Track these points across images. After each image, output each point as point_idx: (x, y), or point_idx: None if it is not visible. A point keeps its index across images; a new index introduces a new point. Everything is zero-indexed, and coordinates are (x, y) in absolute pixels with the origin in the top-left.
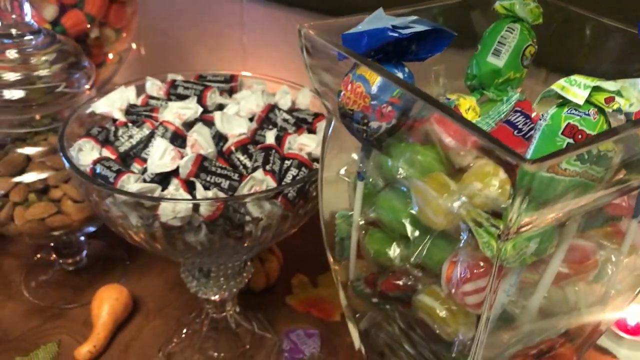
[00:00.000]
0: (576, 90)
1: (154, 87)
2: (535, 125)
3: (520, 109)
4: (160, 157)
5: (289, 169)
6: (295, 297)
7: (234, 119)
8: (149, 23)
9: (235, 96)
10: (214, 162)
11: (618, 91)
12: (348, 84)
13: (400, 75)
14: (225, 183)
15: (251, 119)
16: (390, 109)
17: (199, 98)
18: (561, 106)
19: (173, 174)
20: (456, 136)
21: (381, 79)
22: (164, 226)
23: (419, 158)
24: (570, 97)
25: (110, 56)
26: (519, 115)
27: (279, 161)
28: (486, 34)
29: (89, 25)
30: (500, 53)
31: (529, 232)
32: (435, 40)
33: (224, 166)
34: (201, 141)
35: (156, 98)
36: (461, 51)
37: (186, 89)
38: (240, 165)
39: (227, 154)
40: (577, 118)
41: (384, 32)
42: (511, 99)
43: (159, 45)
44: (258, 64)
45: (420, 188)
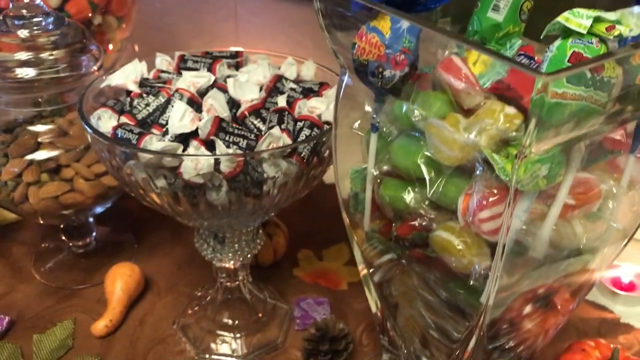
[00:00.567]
0: (579, 21)
1: (164, 63)
2: (539, 65)
3: (523, 52)
4: (180, 119)
5: (301, 129)
6: (303, 270)
7: (246, 85)
8: (143, 17)
9: (242, 70)
10: (231, 124)
11: (617, 20)
12: (362, 36)
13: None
14: (243, 142)
15: (260, 90)
16: (403, 57)
17: (209, 70)
18: (565, 38)
19: (191, 136)
20: (465, 79)
21: (394, 28)
22: (186, 185)
23: (433, 101)
24: (574, 28)
25: (110, 46)
26: (523, 57)
27: (292, 122)
28: None
29: (92, 12)
30: (500, 8)
31: (540, 154)
32: None
33: (240, 127)
34: (217, 106)
35: (167, 72)
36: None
37: (195, 62)
38: (255, 128)
39: (241, 119)
40: (582, 46)
41: None
42: (514, 45)
43: (153, 40)
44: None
45: (437, 126)
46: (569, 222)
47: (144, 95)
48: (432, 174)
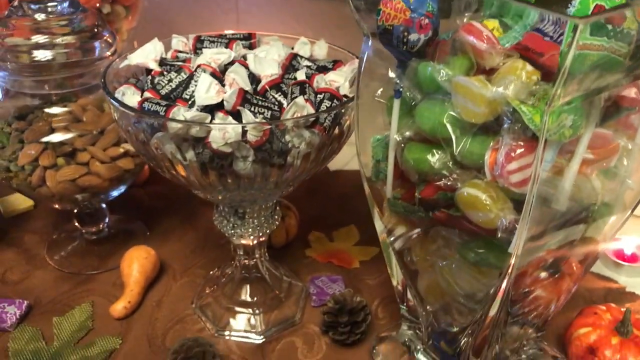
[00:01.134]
0: None
1: (180, 44)
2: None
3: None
4: (207, 91)
5: (322, 101)
6: (315, 250)
7: (265, 61)
8: (143, 12)
9: (256, 50)
10: (254, 96)
11: None
12: (387, 2)
13: None
14: (267, 113)
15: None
16: (427, 21)
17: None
18: None
19: (216, 108)
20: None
21: None
22: (213, 156)
23: (457, 62)
24: None
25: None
26: (547, 23)
27: (314, 94)
28: None
29: (101, 1)
30: None
31: (565, 106)
32: None
33: (264, 99)
34: (239, 80)
35: (184, 52)
36: None
37: (212, 42)
38: (276, 102)
39: (262, 93)
40: None
41: None
42: (535, 15)
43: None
44: None
45: (463, 83)
46: (587, 178)
47: (165, 72)
48: (458, 133)
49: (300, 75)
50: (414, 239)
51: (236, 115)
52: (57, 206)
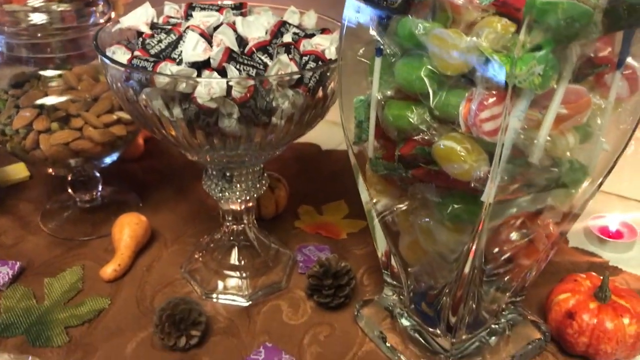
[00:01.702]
0: None
1: (172, 10)
2: None
3: None
4: (194, 48)
5: (307, 62)
6: (304, 222)
7: (253, 24)
8: None
9: (247, 18)
10: (240, 55)
11: None
12: None
13: None
14: (252, 71)
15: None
16: None
17: None
18: None
19: (203, 66)
20: None
21: None
22: (199, 112)
23: (435, 18)
24: None
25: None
26: None
27: (299, 55)
28: None
29: None
30: None
31: (536, 51)
32: None
33: (250, 59)
34: (226, 41)
35: (176, 17)
36: None
37: (203, 9)
38: (262, 63)
39: (249, 54)
40: None
41: None
42: None
43: None
44: None
45: (439, 35)
46: (563, 135)
47: (155, 34)
48: (435, 86)
49: (287, 38)
50: (396, 202)
51: (222, 73)
52: (51, 171)
